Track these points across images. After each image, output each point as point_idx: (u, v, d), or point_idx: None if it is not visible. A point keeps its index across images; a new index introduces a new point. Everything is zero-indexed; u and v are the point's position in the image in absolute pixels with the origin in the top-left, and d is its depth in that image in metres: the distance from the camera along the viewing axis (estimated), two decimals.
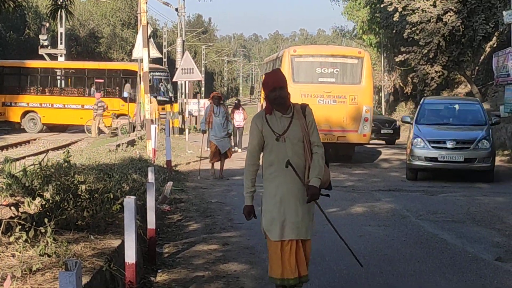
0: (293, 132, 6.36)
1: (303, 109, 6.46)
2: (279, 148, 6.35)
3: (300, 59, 22.65)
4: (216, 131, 18.57)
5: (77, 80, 40.07)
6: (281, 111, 6.39)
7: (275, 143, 6.36)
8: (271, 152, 6.40)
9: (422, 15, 34.66)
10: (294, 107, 6.46)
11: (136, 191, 10.91)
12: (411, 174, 18.84)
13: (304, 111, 6.45)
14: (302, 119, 6.40)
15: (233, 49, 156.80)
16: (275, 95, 6.30)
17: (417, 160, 18.35)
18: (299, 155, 6.38)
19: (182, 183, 16.70)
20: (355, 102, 22.17)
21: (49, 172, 10.77)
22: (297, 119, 6.41)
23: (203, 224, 11.79)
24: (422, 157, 18.30)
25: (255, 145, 6.44)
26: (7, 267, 5.90)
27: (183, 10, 52.31)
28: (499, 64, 28.92)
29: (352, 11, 58.40)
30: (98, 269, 6.16)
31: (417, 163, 18.40)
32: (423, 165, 18.46)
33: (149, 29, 23.11)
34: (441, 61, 35.80)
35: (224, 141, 18.61)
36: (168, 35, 71.26)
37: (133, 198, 6.65)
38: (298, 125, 6.37)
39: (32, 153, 23.58)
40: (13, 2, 10.91)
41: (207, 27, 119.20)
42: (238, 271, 8.52)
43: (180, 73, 25.49)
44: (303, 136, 6.37)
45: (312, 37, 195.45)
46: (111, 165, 15.43)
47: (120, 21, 66.38)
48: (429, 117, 19.79)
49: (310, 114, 6.48)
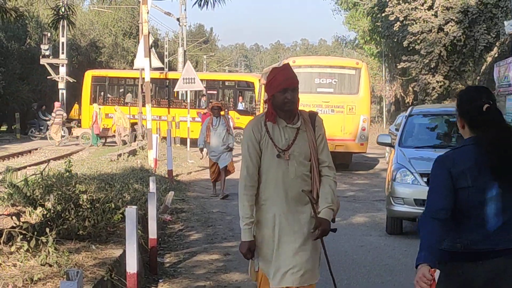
0: (299, 147, 5.03)
1: (312, 118, 5.12)
2: (279, 167, 5.02)
3: (299, 69, 23.00)
4: (214, 146, 16.41)
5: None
6: (286, 120, 5.05)
7: (275, 161, 5.02)
8: (268, 172, 5.04)
9: (424, 25, 34.74)
10: (301, 115, 5.11)
11: (137, 201, 10.91)
12: (393, 227, 12.07)
13: (313, 121, 5.11)
14: (310, 131, 5.07)
15: (234, 59, 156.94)
16: (285, 98, 4.96)
17: (401, 205, 11.53)
18: (304, 177, 5.07)
19: (183, 193, 16.69)
20: (353, 112, 22.52)
21: (51, 182, 10.78)
22: (304, 131, 5.07)
23: (204, 234, 11.79)
24: (409, 199, 11.44)
25: (253, 161, 5.04)
26: (8, 276, 5.90)
27: (184, 20, 52.38)
28: (500, 74, 28.91)
29: (353, 21, 58.49)
30: (99, 279, 6.16)
31: (401, 208, 11.54)
32: (411, 213, 11.41)
33: (151, 39, 23.18)
34: (442, 71, 35.86)
35: (223, 155, 16.37)
36: (170, 45, 71.38)
37: (135, 208, 6.65)
38: (305, 139, 5.06)
39: (33, 162, 23.56)
40: (15, 12, 10.95)
41: (208, 37, 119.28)
42: (239, 281, 8.51)
43: (182, 83, 25.50)
44: (311, 154, 5.07)
45: (314, 47, 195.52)
46: (112, 174, 15.44)
47: (122, 31, 66.42)
48: (418, 136, 13.22)
49: (321, 125, 5.16)
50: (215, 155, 16.43)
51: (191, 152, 26.52)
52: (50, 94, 47.84)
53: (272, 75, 5.01)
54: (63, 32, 43.01)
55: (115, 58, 62.39)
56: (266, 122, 5.06)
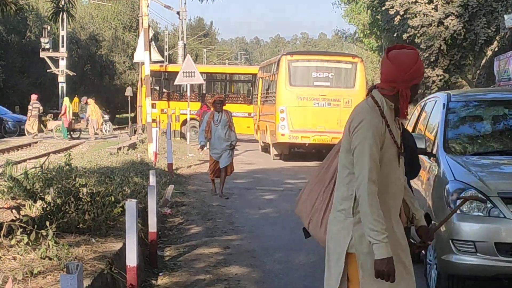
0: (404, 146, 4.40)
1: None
2: (398, 170, 4.30)
3: (297, 63, 24.01)
4: (215, 143, 15.33)
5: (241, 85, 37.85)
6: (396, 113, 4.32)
7: (395, 162, 4.26)
8: (389, 176, 4.22)
9: (424, 19, 34.68)
10: None
11: (137, 194, 10.91)
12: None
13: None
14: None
15: (234, 53, 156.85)
16: (417, 89, 4.35)
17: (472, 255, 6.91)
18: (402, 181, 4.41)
19: (183, 186, 16.69)
20: (349, 105, 22.71)
21: (51, 175, 10.80)
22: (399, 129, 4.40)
23: (204, 227, 11.79)
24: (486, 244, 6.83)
25: (377, 162, 4.15)
26: (8, 270, 5.91)
27: (184, 13, 52.36)
28: (501, 68, 28.89)
29: (352, 15, 58.42)
30: (99, 272, 6.16)
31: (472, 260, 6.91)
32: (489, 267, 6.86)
33: (151, 32, 23.16)
34: (443, 65, 35.82)
35: (225, 154, 15.28)
36: (170, 38, 71.34)
37: (135, 201, 6.65)
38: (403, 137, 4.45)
39: (33, 156, 23.56)
40: (15, 5, 10.94)
41: (208, 31, 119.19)
42: (239, 274, 8.52)
43: (182, 77, 25.49)
44: None
45: (313, 41, 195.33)
46: (112, 168, 15.44)
47: (122, 24, 66.37)
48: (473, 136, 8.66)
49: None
50: (217, 153, 15.33)
51: (191, 146, 26.53)
52: (50, 88, 47.83)
53: (415, 61, 4.23)
54: (63, 26, 42.97)
55: (115, 51, 62.36)
56: (383, 112, 4.23)
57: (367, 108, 4.23)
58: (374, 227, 4.04)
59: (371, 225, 4.05)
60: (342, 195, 4.29)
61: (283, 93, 23.59)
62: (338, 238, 4.28)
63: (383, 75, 4.29)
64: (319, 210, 4.53)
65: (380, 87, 4.29)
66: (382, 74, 4.29)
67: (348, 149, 4.25)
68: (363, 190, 4.08)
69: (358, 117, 4.21)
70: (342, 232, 4.26)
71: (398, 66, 4.19)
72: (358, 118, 4.20)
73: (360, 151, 4.13)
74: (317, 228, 4.53)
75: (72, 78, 46.46)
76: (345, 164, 4.27)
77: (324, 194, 4.53)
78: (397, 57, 4.22)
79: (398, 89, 4.19)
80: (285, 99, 23.33)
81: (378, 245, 4.03)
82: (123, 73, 63.02)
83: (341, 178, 4.32)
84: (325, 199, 4.52)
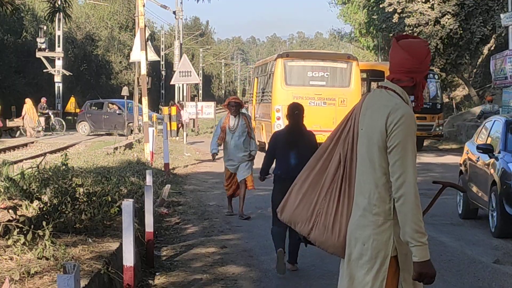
0: None
1: None
2: None
3: (292, 63, 24.31)
4: (232, 153, 12.81)
5: None
6: None
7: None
8: None
9: (420, 18, 34.73)
10: None
11: (134, 194, 10.91)
12: None
13: None
14: None
15: (230, 52, 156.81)
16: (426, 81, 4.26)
17: None
18: None
19: (180, 186, 16.68)
20: (344, 104, 22.99)
21: (47, 175, 10.77)
22: None
23: (201, 227, 11.78)
24: None
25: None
26: (5, 270, 5.90)
27: (180, 13, 52.28)
28: (497, 66, 28.94)
29: (348, 14, 58.46)
30: (96, 272, 6.16)
31: None
32: None
33: (147, 32, 23.14)
34: (439, 64, 35.86)
35: (243, 165, 12.73)
36: (166, 38, 71.30)
37: (131, 201, 6.64)
38: None
39: (29, 156, 23.53)
40: (11, 5, 10.93)
41: (204, 30, 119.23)
42: (236, 273, 8.52)
43: (178, 76, 25.48)
44: None
45: (310, 40, 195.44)
46: (109, 168, 15.43)
47: (118, 24, 66.38)
48: None
49: None
50: (234, 164, 12.81)
51: (187, 146, 26.51)
52: (47, 88, 47.77)
53: (428, 50, 4.15)
54: (59, 26, 42.95)
55: (111, 51, 62.34)
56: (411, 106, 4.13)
57: (400, 102, 4.04)
58: (420, 229, 3.90)
59: (416, 226, 3.90)
60: (379, 196, 4.06)
61: (279, 92, 23.69)
62: (378, 242, 4.05)
63: (398, 66, 4.11)
64: (324, 214, 4.29)
65: (396, 78, 4.12)
66: (396, 65, 4.12)
67: (383, 147, 4.02)
68: (409, 190, 3.92)
69: (397, 112, 3.99)
70: (383, 235, 4.05)
71: (414, 56, 4.06)
72: (397, 113, 3.98)
73: (404, 149, 3.95)
74: (327, 233, 4.28)
75: (69, 78, 46.45)
76: (381, 164, 4.03)
77: (327, 197, 4.31)
78: (412, 46, 4.08)
79: (416, 80, 4.08)
80: (281, 98, 23.36)
81: (421, 247, 3.90)
82: (120, 73, 63.03)
83: (373, 179, 4.08)
84: (331, 202, 4.29)
